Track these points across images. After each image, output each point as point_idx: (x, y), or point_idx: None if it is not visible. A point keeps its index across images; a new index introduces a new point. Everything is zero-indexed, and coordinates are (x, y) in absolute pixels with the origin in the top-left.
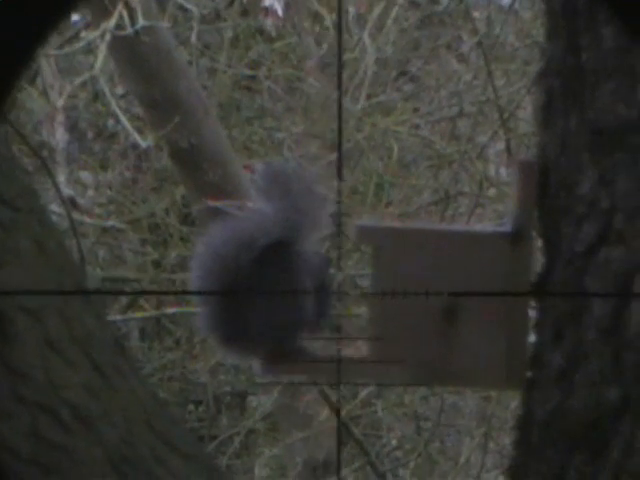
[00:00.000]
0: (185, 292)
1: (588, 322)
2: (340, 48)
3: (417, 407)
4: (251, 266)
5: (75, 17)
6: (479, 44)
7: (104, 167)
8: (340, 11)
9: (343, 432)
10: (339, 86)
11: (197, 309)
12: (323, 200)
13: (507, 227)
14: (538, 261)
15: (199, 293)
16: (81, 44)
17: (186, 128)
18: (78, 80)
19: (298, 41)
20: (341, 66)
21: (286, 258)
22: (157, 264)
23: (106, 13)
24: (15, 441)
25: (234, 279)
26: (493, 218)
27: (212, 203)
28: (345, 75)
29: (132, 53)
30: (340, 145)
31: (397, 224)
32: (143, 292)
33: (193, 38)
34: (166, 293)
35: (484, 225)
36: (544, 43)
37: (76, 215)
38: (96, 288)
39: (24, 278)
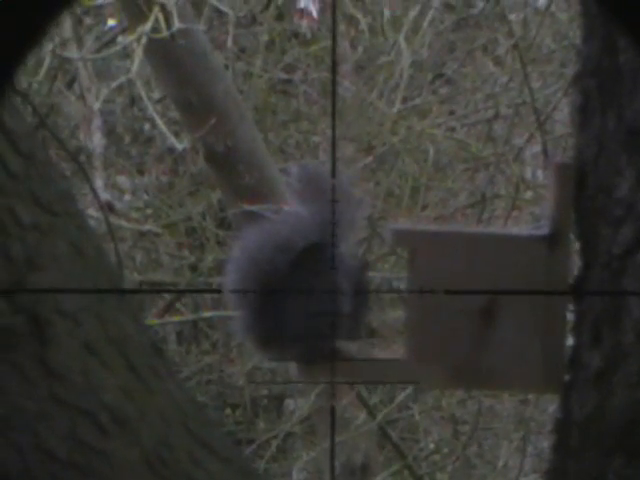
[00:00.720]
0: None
1: (626, 324)
2: (335, 30)
3: (454, 410)
4: (287, 269)
5: (112, 22)
6: (515, 46)
7: (141, 171)
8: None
9: (379, 436)
10: (332, 75)
11: (233, 313)
12: (359, 202)
13: (544, 230)
14: (575, 264)
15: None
16: (118, 48)
17: (222, 131)
18: (115, 84)
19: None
20: (335, 51)
21: (323, 261)
22: (194, 268)
23: (142, 17)
24: (52, 443)
25: (270, 282)
26: (530, 221)
27: (248, 206)
28: (380, 78)
29: (168, 56)
30: (334, 127)
31: (433, 227)
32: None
33: (229, 42)
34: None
35: (521, 228)
36: (580, 44)
37: (113, 219)
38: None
39: (61, 282)
